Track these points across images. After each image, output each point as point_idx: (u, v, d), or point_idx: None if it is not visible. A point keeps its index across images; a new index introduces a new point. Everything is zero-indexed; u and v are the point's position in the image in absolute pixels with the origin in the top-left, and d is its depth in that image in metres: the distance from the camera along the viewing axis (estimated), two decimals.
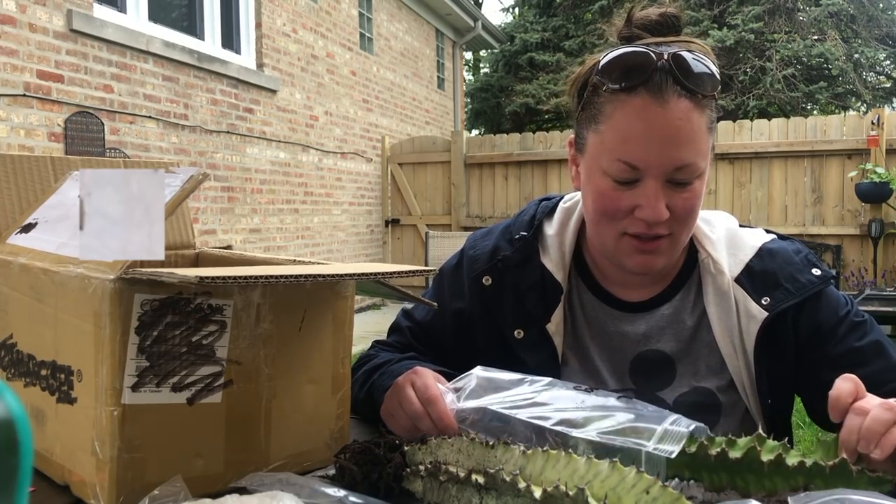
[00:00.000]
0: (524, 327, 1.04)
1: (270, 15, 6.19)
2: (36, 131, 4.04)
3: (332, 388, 0.84)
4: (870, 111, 7.10)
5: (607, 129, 0.93)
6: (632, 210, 0.93)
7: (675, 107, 0.89)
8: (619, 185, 0.93)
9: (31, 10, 4.01)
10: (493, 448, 0.66)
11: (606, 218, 0.96)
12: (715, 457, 0.67)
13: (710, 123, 0.94)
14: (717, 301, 1.01)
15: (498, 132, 10.95)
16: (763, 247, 1.03)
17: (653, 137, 0.89)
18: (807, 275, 1.00)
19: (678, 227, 0.95)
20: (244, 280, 0.64)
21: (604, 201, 0.95)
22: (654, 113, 0.89)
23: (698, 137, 0.91)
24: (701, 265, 1.04)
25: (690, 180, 0.92)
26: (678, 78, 0.89)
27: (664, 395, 1.02)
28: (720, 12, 11.79)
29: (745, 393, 1.00)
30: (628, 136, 0.91)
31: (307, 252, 6.71)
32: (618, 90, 0.91)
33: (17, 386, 0.81)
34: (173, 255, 1.05)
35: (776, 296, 0.98)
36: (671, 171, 0.91)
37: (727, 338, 1.00)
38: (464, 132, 8.23)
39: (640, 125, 0.90)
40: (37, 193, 0.98)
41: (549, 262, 1.05)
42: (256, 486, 0.71)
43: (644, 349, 1.03)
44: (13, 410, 0.32)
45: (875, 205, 6.18)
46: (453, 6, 9.51)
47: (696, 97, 0.90)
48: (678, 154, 0.90)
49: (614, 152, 0.92)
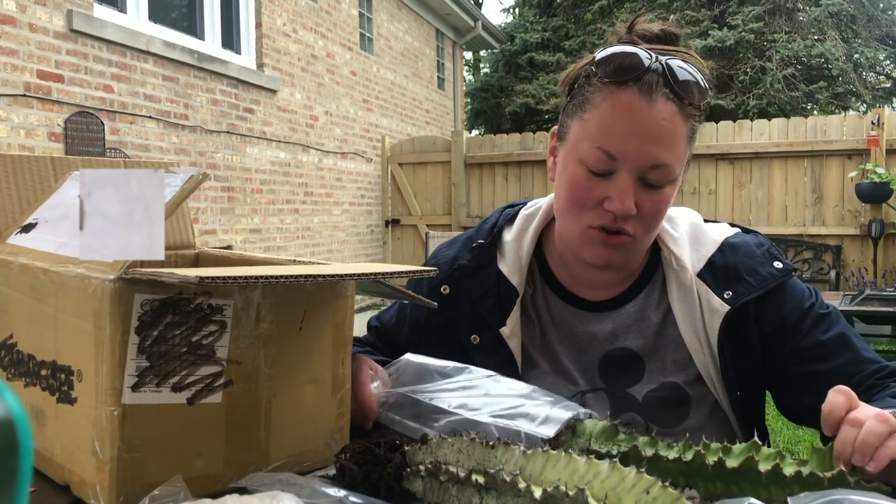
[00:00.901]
0: (479, 332, 1.07)
1: (270, 15, 6.19)
2: (36, 131, 4.04)
3: (332, 388, 0.84)
4: (870, 111, 7.10)
5: (592, 117, 0.95)
6: (601, 202, 0.95)
7: (661, 107, 0.92)
8: (593, 175, 0.95)
9: (31, 10, 4.01)
10: (493, 448, 0.66)
11: (576, 207, 0.98)
12: (712, 466, 0.67)
13: (690, 133, 0.96)
14: (680, 297, 1.03)
15: (498, 132, 10.94)
16: (725, 241, 1.05)
17: (635, 131, 0.92)
18: (768, 268, 1.01)
19: (642, 229, 0.97)
20: (244, 280, 0.64)
21: (576, 189, 0.97)
22: (641, 108, 0.91)
23: (678, 142, 0.94)
24: (664, 262, 1.06)
25: (663, 183, 0.95)
26: (668, 82, 0.92)
27: (633, 391, 1.04)
28: (720, 12, 11.79)
29: (713, 386, 1.02)
30: (611, 126, 0.93)
31: (307, 252, 6.71)
32: (609, 82, 0.93)
33: (17, 386, 0.81)
34: (173, 255, 1.05)
35: (738, 289, 1.00)
36: (646, 168, 0.93)
37: (692, 332, 1.02)
38: (464, 132, 8.22)
39: (624, 117, 0.92)
40: (37, 193, 0.98)
41: (506, 267, 1.08)
42: (257, 486, 0.71)
43: (611, 347, 1.05)
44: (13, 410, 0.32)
45: (875, 205, 6.18)
46: (453, 6, 9.51)
47: (683, 103, 0.93)
48: (657, 152, 0.92)
49: (595, 140, 0.94)
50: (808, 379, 1.00)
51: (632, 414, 1.03)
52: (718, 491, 0.68)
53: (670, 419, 1.02)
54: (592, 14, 13.06)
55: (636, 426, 1.02)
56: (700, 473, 0.68)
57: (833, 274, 6.31)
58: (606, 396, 1.04)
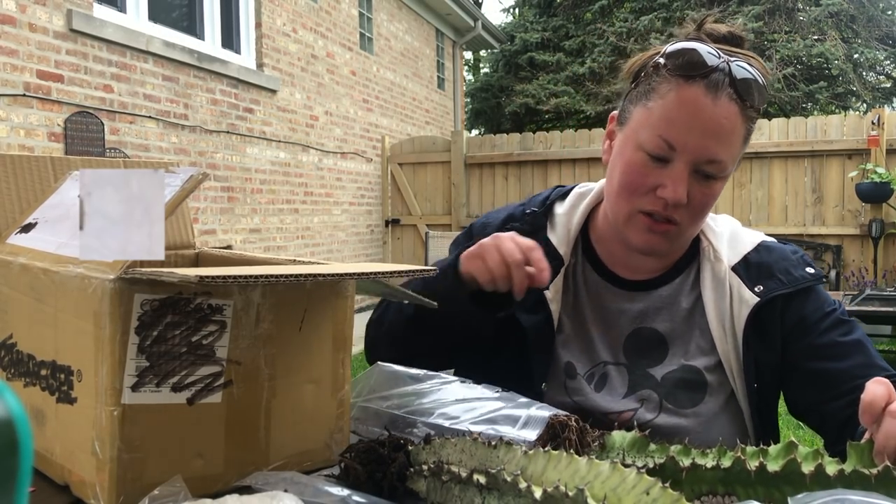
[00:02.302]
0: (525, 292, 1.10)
1: (270, 15, 6.19)
2: (36, 131, 4.04)
3: (332, 388, 0.84)
4: (870, 111, 7.09)
5: (657, 106, 0.98)
6: (654, 188, 0.98)
7: (724, 106, 0.95)
8: (650, 161, 0.98)
9: (31, 10, 4.01)
10: (495, 448, 0.66)
11: (628, 191, 1.01)
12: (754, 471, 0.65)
13: (746, 133, 1.00)
14: (713, 286, 1.07)
15: (498, 132, 10.95)
16: (761, 242, 1.10)
17: (697, 125, 0.95)
18: (800, 271, 1.06)
19: (689, 219, 1.00)
20: (244, 280, 0.64)
21: (631, 174, 1.00)
22: (705, 104, 0.95)
23: (735, 141, 0.98)
24: (702, 252, 1.10)
25: (716, 177, 0.98)
26: (733, 82, 0.95)
27: (653, 371, 1.07)
28: (720, 12, 11.79)
29: (731, 375, 1.05)
30: (675, 118, 0.96)
31: (307, 252, 6.71)
32: (677, 75, 0.97)
33: (17, 386, 0.81)
34: (173, 255, 1.05)
35: (769, 285, 1.04)
36: (703, 161, 0.96)
37: (718, 321, 1.05)
38: (464, 132, 8.22)
39: (689, 110, 0.95)
40: (37, 193, 0.98)
41: (555, 237, 1.13)
42: (261, 485, 0.71)
43: (639, 326, 1.09)
44: (13, 410, 0.32)
45: (875, 205, 6.18)
46: (453, 6, 9.51)
47: (744, 105, 0.96)
48: (714, 147, 0.96)
49: (657, 128, 0.97)
50: (817, 376, 1.02)
51: (648, 391, 1.06)
52: (760, 496, 0.66)
53: (685, 400, 1.04)
54: (592, 14, 13.06)
55: (650, 403, 1.05)
56: (740, 480, 0.67)
57: (833, 274, 6.32)
58: (627, 372, 1.07)
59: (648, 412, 1.05)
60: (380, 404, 0.88)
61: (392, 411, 0.86)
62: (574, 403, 1.06)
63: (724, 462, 0.67)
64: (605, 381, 1.08)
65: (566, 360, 1.09)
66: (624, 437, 0.74)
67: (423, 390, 0.89)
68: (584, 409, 1.05)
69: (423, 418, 0.84)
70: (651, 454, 0.71)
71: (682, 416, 1.04)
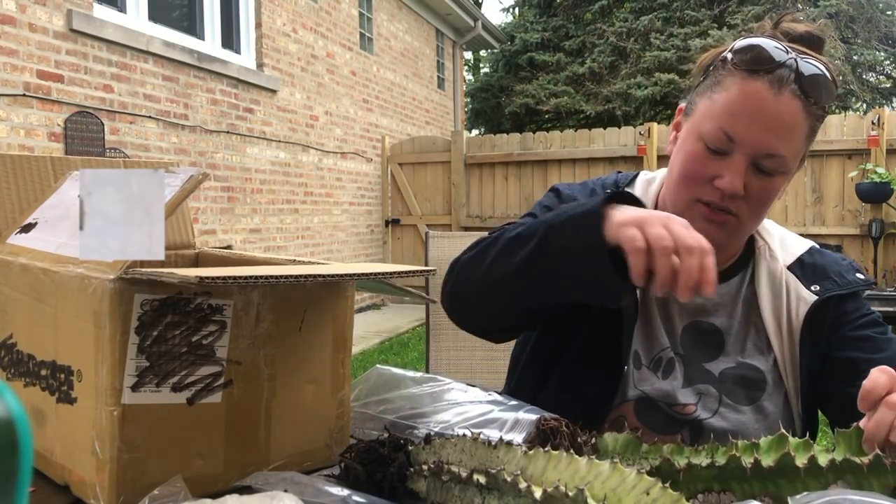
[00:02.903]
0: None
1: (270, 15, 6.18)
2: (36, 131, 4.03)
3: (332, 388, 0.84)
4: (870, 111, 7.09)
5: (720, 98, 0.99)
6: (712, 179, 0.99)
7: (787, 101, 0.96)
8: (709, 152, 0.99)
9: (31, 10, 4.00)
10: (495, 448, 0.66)
11: (687, 181, 1.02)
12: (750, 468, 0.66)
13: (811, 131, 1.00)
14: (769, 284, 1.09)
15: (498, 132, 10.94)
16: (813, 247, 1.13)
17: (758, 118, 0.96)
18: (852, 275, 1.09)
19: (748, 212, 1.01)
20: (244, 280, 0.64)
21: (691, 164, 1.01)
22: (767, 99, 0.95)
23: (796, 137, 0.98)
24: (758, 251, 1.12)
25: (774, 172, 0.99)
26: (798, 79, 0.96)
27: (710, 366, 1.07)
28: (720, 12, 11.79)
29: (785, 374, 1.06)
30: (736, 110, 0.97)
31: (307, 252, 6.71)
32: (743, 69, 0.97)
33: (17, 386, 0.81)
34: (173, 255, 1.05)
35: (825, 285, 1.07)
36: (762, 155, 0.97)
37: (774, 318, 1.07)
38: (464, 132, 8.22)
39: (750, 104, 0.96)
40: (37, 193, 0.98)
41: None
42: (261, 485, 0.71)
43: (696, 319, 1.10)
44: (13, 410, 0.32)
45: (875, 205, 6.17)
46: (453, 6, 9.51)
47: (808, 101, 0.97)
48: (775, 142, 0.96)
49: (718, 120, 0.98)
50: (847, 364, 1.03)
51: (706, 385, 1.06)
52: (756, 491, 0.67)
53: (742, 397, 1.05)
54: (592, 14, 13.06)
55: (709, 397, 1.05)
56: (735, 476, 0.67)
57: None
58: (682, 364, 1.07)
59: (707, 408, 1.05)
60: (376, 408, 0.88)
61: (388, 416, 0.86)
62: (640, 392, 1.05)
63: (718, 459, 0.68)
64: (670, 370, 1.07)
65: (634, 349, 1.08)
66: (616, 440, 0.74)
67: (420, 394, 0.90)
68: (649, 399, 1.05)
69: (419, 422, 0.85)
70: (645, 455, 0.71)
71: (741, 412, 1.04)
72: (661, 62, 11.52)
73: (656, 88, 11.40)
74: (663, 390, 1.05)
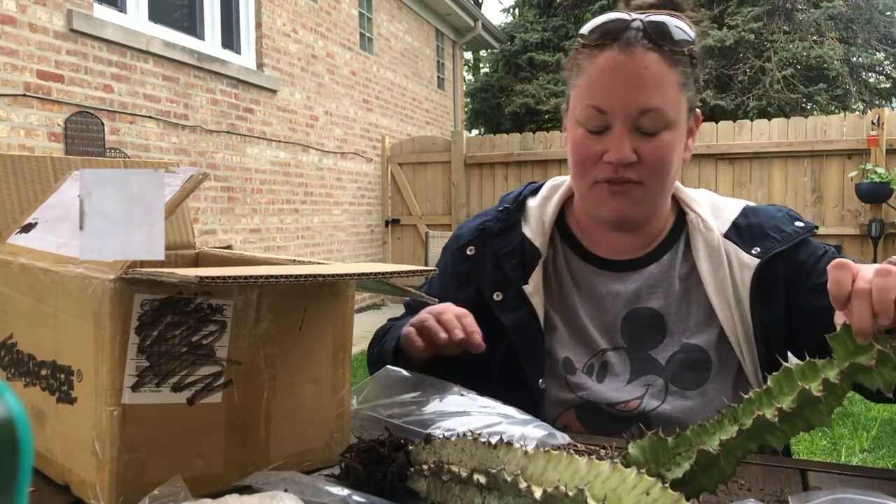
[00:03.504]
0: (503, 290, 1.10)
1: (270, 15, 6.18)
2: (36, 131, 4.04)
3: (332, 388, 0.84)
4: (869, 111, 7.09)
5: (582, 81, 1.02)
6: (601, 156, 1.00)
7: (641, 57, 0.97)
8: (590, 133, 1.01)
9: (31, 10, 4.00)
10: (495, 448, 0.66)
11: (580, 167, 1.03)
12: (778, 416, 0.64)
13: (682, 80, 1.00)
14: (707, 256, 1.06)
15: (498, 132, 10.95)
16: (746, 206, 1.10)
17: (618, 82, 0.97)
18: (791, 226, 1.06)
19: (649, 176, 1.00)
20: (244, 280, 0.64)
21: (577, 149, 1.03)
22: (620, 61, 0.97)
23: (664, 85, 0.98)
24: (690, 224, 1.09)
25: (658, 129, 0.98)
26: (648, 34, 0.97)
27: (656, 354, 1.05)
28: (720, 12, 11.80)
29: (738, 347, 1.03)
30: (597, 83, 0.99)
31: (307, 252, 6.71)
32: (593, 47, 1.00)
33: (17, 386, 0.81)
34: (173, 255, 1.05)
35: (765, 245, 1.04)
36: (636, 114, 0.97)
37: (719, 290, 1.04)
38: (464, 132, 8.22)
39: (607, 73, 0.98)
40: (37, 193, 0.98)
41: (529, 230, 1.13)
42: (261, 484, 0.71)
43: (634, 307, 1.08)
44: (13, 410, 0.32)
45: (875, 205, 6.18)
46: (453, 6, 9.51)
47: (664, 51, 0.97)
48: (642, 97, 0.97)
49: (584, 99, 1.00)
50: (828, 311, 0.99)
51: (652, 376, 1.04)
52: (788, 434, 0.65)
53: (690, 381, 1.03)
54: (592, 14, 13.05)
55: (655, 388, 1.04)
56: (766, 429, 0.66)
57: None
58: (628, 357, 1.06)
59: (653, 398, 1.03)
60: (384, 412, 0.87)
61: (395, 421, 0.85)
62: (579, 399, 1.05)
63: (744, 422, 0.66)
64: (605, 369, 1.06)
65: (563, 356, 1.07)
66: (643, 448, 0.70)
67: (425, 399, 0.88)
68: (589, 403, 1.04)
69: (423, 430, 0.84)
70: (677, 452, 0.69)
71: (688, 398, 1.03)
72: None
73: None
74: (601, 394, 1.04)
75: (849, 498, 0.63)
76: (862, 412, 3.93)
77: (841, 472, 0.84)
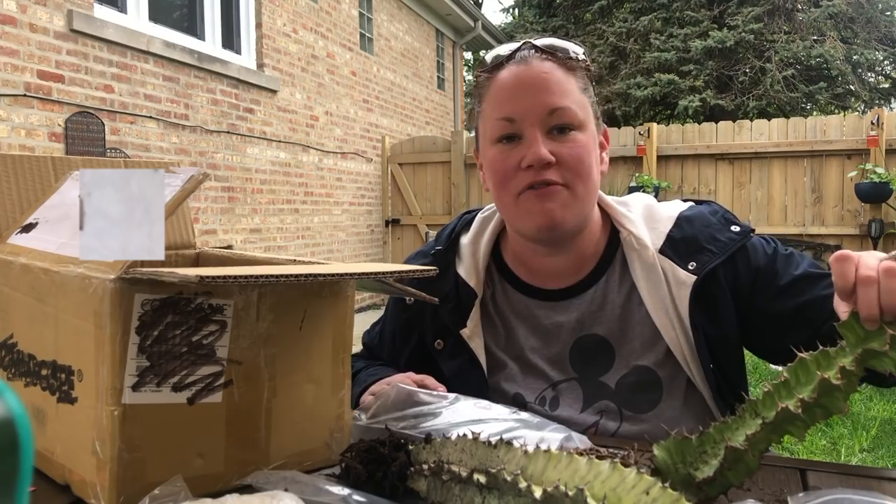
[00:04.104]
0: (443, 337, 1.09)
1: (271, 15, 6.19)
2: (36, 131, 4.04)
3: (332, 388, 0.84)
4: (869, 111, 7.09)
5: (486, 104, 1.04)
6: (519, 165, 1.00)
7: (537, 64, 1.01)
8: (505, 145, 1.01)
9: (31, 11, 4.01)
10: (495, 448, 0.66)
11: (502, 182, 1.02)
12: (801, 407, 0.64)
13: (583, 84, 1.03)
14: (645, 275, 1.04)
15: None
16: (680, 215, 1.07)
17: (521, 89, 1.00)
18: (726, 233, 1.03)
19: (571, 177, 1.00)
20: (244, 280, 0.64)
21: (496, 166, 1.03)
22: (519, 72, 1.01)
23: (567, 88, 1.01)
24: (624, 243, 1.07)
25: (570, 127, 1.00)
26: (538, 49, 1.02)
27: (605, 379, 1.04)
28: (720, 13, 11.80)
29: (686, 364, 1.02)
30: (503, 96, 1.02)
31: (307, 252, 6.71)
32: (490, 71, 1.04)
33: (17, 386, 0.81)
34: (173, 254, 1.05)
35: (701, 259, 1.01)
36: (545, 116, 0.99)
37: (660, 309, 1.02)
38: (464, 132, 8.22)
39: (509, 84, 1.01)
40: (37, 193, 0.98)
41: (463, 269, 1.10)
42: (262, 484, 0.71)
43: (580, 335, 1.06)
44: (13, 410, 0.32)
45: (875, 205, 6.17)
46: (453, 6, 9.51)
47: (558, 58, 1.01)
48: (547, 97, 0.99)
49: (494, 115, 1.02)
50: (798, 312, 0.99)
51: (605, 402, 1.03)
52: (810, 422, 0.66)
53: (643, 404, 1.02)
54: (592, 14, 13.06)
55: (609, 413, 1.03)
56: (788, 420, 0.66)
57: None
58: (579, 386, 1.05)
59: (610, 421, 1.03)
60: (396, 425, 0.86)
61: (408, 432, 0.84)
62: None
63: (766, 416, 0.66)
64: (558, 401, 1.05)
65: (514, 392, 1.06)
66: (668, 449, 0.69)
67: (438, 410, 0.87)
68: None
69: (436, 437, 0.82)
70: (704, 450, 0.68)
71: (643, 421, 1.02)
72: (660, 62, 11.52)
73: (656, 89, 11.40)
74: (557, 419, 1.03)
75: (848, 498, 0.63)
76: (861, 412, 3.93)
77: (840, 472, 0.84)
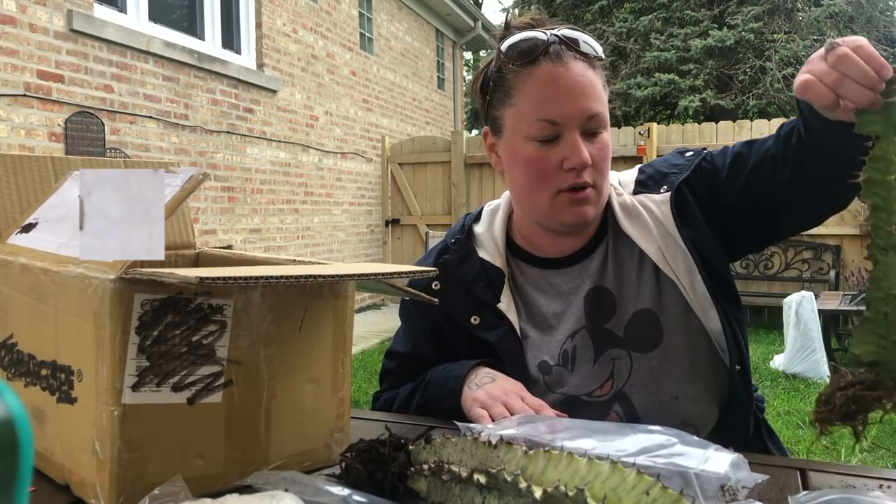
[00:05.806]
0: (479, 313, 1.13)
1: (270, 15, 6.19)
2: (36, 131, 4.04)
3: (332, 388, 0.84)
4: None
5: (521, 99, 1.05)
6: (560, 165, 1.04)
7: (574, 66, 1.03)
8: (543, 144, 1.04)
9: (31, 10, 4.01)
10: (495, 448, 0.66)
11: (539, 180, 1.06)
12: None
13: (603, 83, 1.08)
14: (626, 215, 1.12)
15: None
16: (639, 167, 1.19)
17: (564, 93, 1.03)
18: (682, 159, 1.14)
19: (598, 177, 1.06)
20: (244, 280, 0.64)
21: (535, 164, 1.05)
22: (559, 73, 1.03)
23: (599, 90, 1.05)
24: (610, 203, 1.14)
25: (600, 130, 1.05)
26: (570, 46, 1.04)
27: (611, 327, 1.10)
28: (720, 12, 11.79)
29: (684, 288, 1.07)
30: (543, 98, 1.03)
31: (307, 252, 6.71)
32: (523, 65, 1.04)
33: (17, 386, 0.81)
34: (173, 255, 1.05)
35: (669, 180, 1.12)
36: (585, 120, 1.03)
37: (649, 238, 1.09)
38: (464, 132, 8.22)
39: (550, 86, 1.03)
40: (37, 193, 0.98)
41: (486, 254, 1.17)
42: (262, 484, 0.71)
43: (591, 287, 1.13)
44: (13, 410, 0.32)
45: None
46: (453, 6, 9.51)
47: (588, 58, 1.05)
48: (588, 104, 1.03)
49: (533, 115, 1.04)
50: (749, 184, 1.06)
51: (615, 349, 1.09)
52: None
53: (648, 342, 1.08)
54: (592, 14, 13.06)
55: (621, 360, 1.08)
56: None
57: (833, 274, 6.31)
58: (589, 335, 1.10)
59: (621, 374, 1.07)
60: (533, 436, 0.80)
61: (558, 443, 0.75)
62: (560, 395, 1.08)
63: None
64: (574, 355, 1.10)
65: (539, 360, 1.11)
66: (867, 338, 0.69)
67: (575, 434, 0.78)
68: (569, 397, 1.08)
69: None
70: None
71: (651, 358, 1.07)
72: (661, 62, 11.52)
73: (656, 88, 11.40)
74: (576, 383, 1.08)
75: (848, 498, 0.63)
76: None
77: (841, 472, 0.84)
